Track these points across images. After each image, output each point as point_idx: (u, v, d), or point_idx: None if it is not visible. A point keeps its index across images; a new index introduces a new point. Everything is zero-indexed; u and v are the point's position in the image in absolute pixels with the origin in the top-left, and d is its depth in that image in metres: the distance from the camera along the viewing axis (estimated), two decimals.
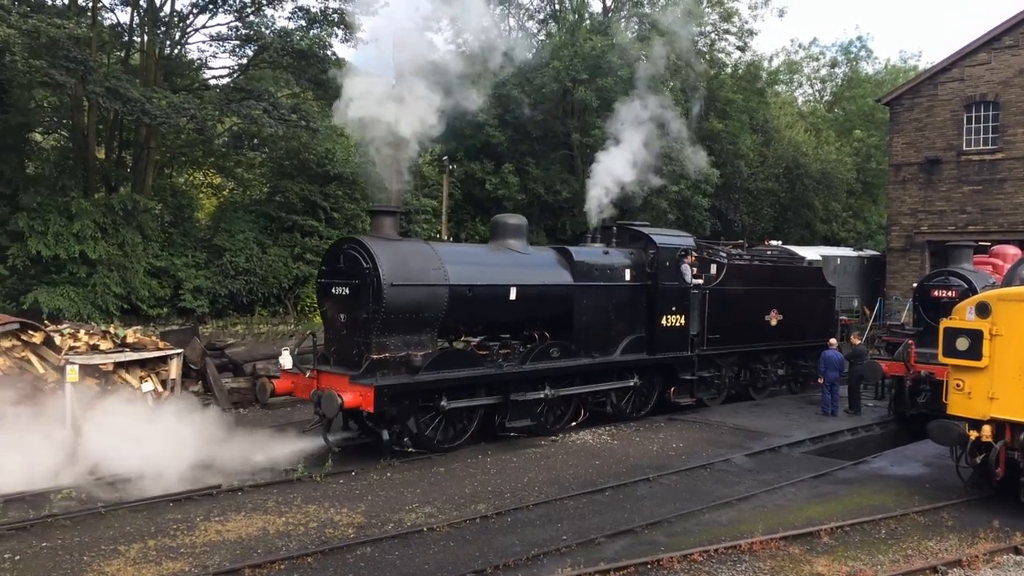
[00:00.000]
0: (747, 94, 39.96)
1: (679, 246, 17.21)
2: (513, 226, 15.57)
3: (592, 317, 15.64)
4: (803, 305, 20.10)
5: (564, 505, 10.89)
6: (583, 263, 15.57)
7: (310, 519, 9.93)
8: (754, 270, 19.40)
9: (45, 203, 20.92)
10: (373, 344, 12.68)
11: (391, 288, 12.65)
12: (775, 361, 19.93)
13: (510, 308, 14.48)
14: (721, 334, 17.87)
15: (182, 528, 9.43)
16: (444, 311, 13.48)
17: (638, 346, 16.41)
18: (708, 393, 18.08)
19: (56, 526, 9.32)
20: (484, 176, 32.50)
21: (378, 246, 12.97)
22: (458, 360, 13.62)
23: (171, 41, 26.33)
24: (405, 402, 12.70)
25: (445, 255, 13.74)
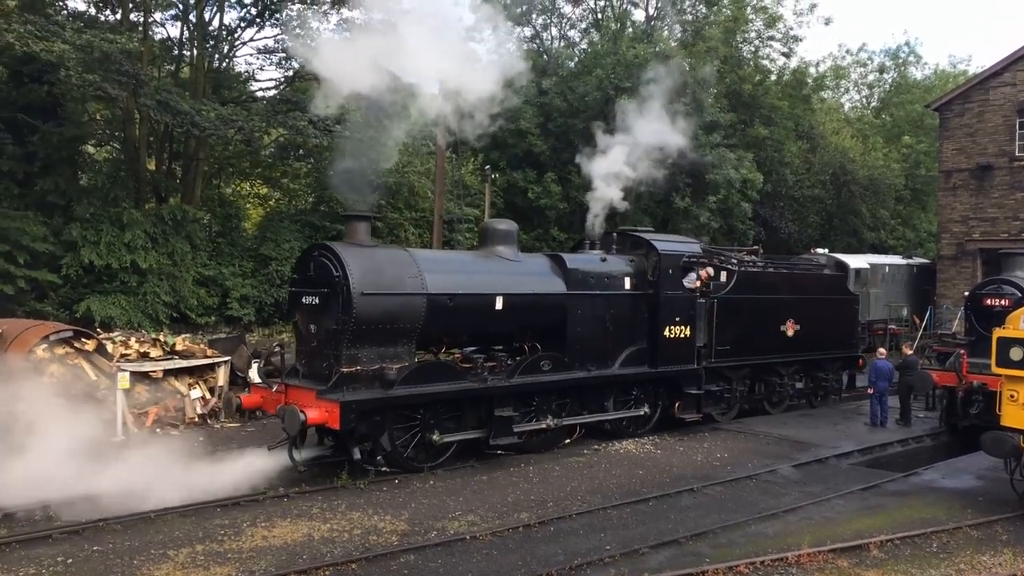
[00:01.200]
0: (792, 101, 39.51)
1: (683, 253, 16.34)
2: (502, 232, 14.68)
3: (588, 328, 14.76)
4: (823, 314, 19.10)
5: (607, 515, 10.83)
6: (577, 271, 14.71)
7: (354, 526, 10.00)
8: (767, 277, 18.45)
9: (98, 214, 21.42)
10: (343, 356, 11.92)
11: (362, 297, 11.89)
12: (792, 374, 18.91)
13: (496, 318, 13.65)
14: (731, 345, 16.91)
15: (229, 533, 9.56)
16: (422, 321, 12.68)
17: (639, 359, 15.51)
18: (717, 408, 17.08)
19: (107, 530, 9.51)
20: (526, 185, 32.55)
21: (349, 253, 12.24)
22: (437, 373, 12.83)
23: (219, 55, 26.86)
24: (376, 418, 11.94)
25: (424, 262, 12.98)
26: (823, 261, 30.76)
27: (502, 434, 13.25)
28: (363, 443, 11.97)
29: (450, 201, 28.33)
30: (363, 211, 13.34)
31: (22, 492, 10.11)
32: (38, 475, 10.51)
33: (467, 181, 31.58)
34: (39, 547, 8.89)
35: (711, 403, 16.76)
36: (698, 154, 32.16)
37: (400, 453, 12.34)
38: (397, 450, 12.28)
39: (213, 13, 25.72)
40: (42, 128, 21.40)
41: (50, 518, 9.87)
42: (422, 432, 12.52)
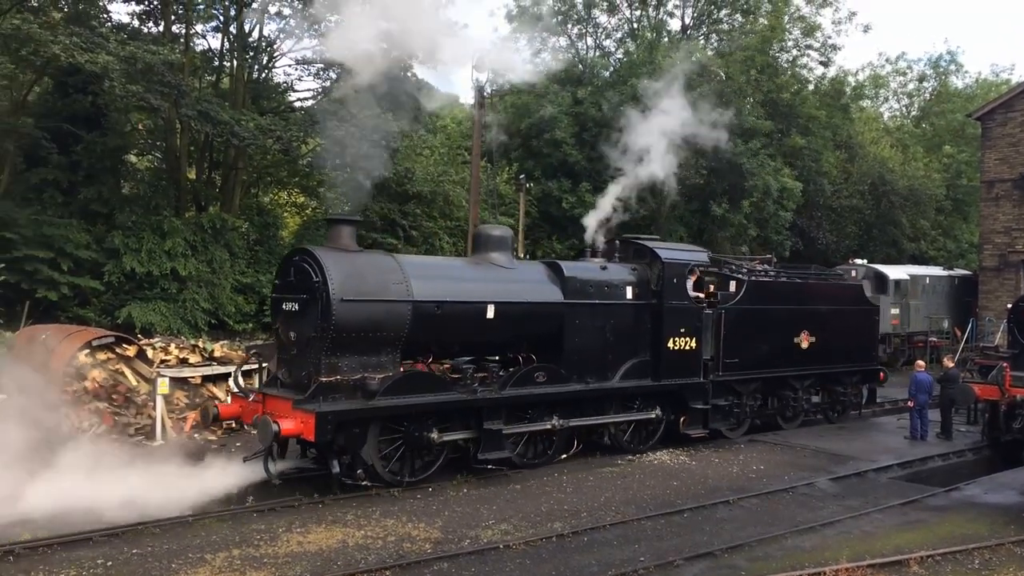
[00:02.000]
0: (830, 110, 39.10)
1: (688, 262, 15.69)
2: (496, 238, 14.10)
3: (586, 338, 14.17)
4: (840, 326, 18.31)
5: (641, 526, 10.76)
6: (575, 279, 14.13)
7: (388, 533, 10.04)
8: (780, 287, 17.68)
9: (139, 222, 21.80)
10: (322, 365, 11.44)
11: (341, 304, 11.41)
12: (807, 388, 18.08)
13: (488, 328, 13.11)
14: (740, 358, 16.19)
15: (265, 538, 9.65)
16: (407, 330, 12.13)
17: (641, 371, 14.86)
18: (726, 423, 16.26)
19: (147, 533, 9.64)
20: (561, 195, 32.55)
21: (330, 258, 11.78)
22: (422, 384, 12.23)
23: (259, 66, 27.26)
24: (355, 430, 11.41)
25: (411, 268, 12.46)
26: (861, 272, 30.57)
27: (491, 448, 12.72)
28: (342, 456, 11.51)
29: (484, 210, 28.38)
30: (348, 215, 12.97)
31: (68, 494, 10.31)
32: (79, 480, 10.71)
33: (502, 190, 31.68)
34: (80, 549, 9.03)
35: (719, 418, 16.03)
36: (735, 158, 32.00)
37: (382, 467, 11.84)
38: (379, 463, 11.79)
39: (253, 25, 26.11)
40: (86, 138, 21.87)
41: (91, 521, 10.01)
42: (406, 445, 12.03)
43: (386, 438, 11.95)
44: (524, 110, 34.76)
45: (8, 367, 13.68)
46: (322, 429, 10.88)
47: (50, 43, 18.18)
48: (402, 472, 12.12)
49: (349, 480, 11.48)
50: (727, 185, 33.71)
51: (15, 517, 9.82)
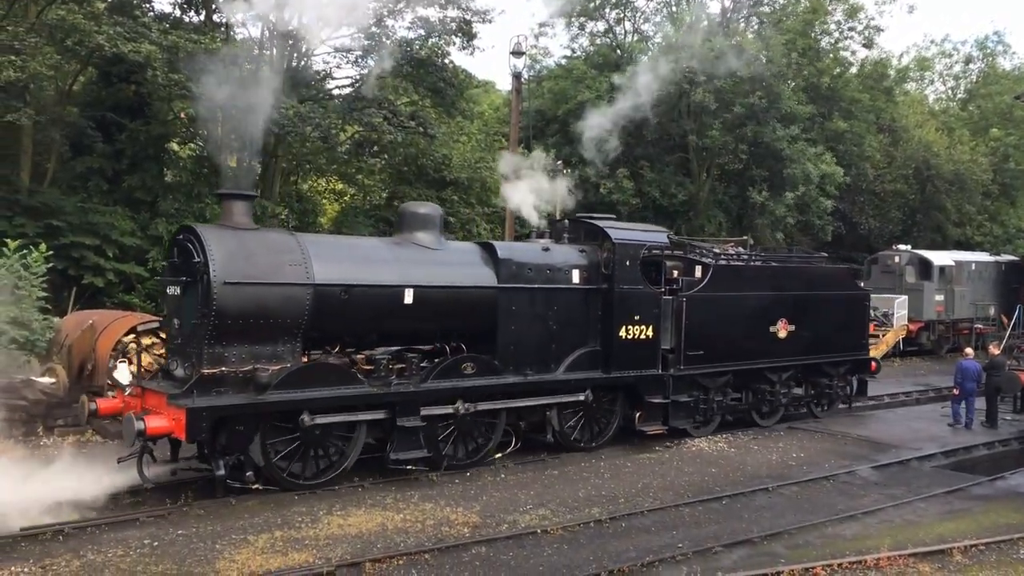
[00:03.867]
0: (873, 93, 38.45)
1: (643, 242, 14.25)
2: (422, 216, 12.85)
3: (525, 327, 12.96)
4: (824, 313, 16.91)
5: (680, 512, 10.74)
6: (511, 261, 12.91)
7: (427, 517, 10.13)
8: (752, 272, 16.19)
9: (182, 209, 22.15)
10: (204, 356, 10.29)
11: (224, 287, 10.25)
12: (786, 380, 16.56)
13: (406, 315, 11.94)
14: (706, 349, 14.76)
15: (306, 521, 9.79)
16: (306, 317, 10.98)
17: (590, 362, 13.65)
18: (689, 420, 14.89)
19: (191, 515, 9.84)
20: (598, 180, 32.39)
21: (214, 235, 10.62)
22: (324, 377, 11.05)
23: (298, 54, 27.40)
24: (239, 428, 10.32)
25: (313, 248, 11.27)
26: (905, 258, 30.06)
27: (406, 447, 11.60)
28: (228, 456, 10.37)
29: None
30: (242, 190, 11.55)
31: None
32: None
33: None
34: (128, 530, 9.24)
35: (682, 414, 14.65)
36: (774, 143, 31.61)
37: (276, 468, 10.74)
38: (272, 465, 10.68)
39: (292, 13, 26.23)
40: (130, 126, 22.23)
41: (138, 503, 10.24)
42: (304, 445, 10.97)
43: (282, 438, 10.83)
44: (561, 95, 34.62)
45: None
46: (194, 427, 9.80)
47: (94, 33, 18.46)
48: (303, 473, 11.07)
49: (237, 483, 10.41)
50: (766, 171, 33.31)
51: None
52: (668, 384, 14.43)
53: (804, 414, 17.48)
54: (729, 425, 15.84)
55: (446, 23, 27.03)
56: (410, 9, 26.84)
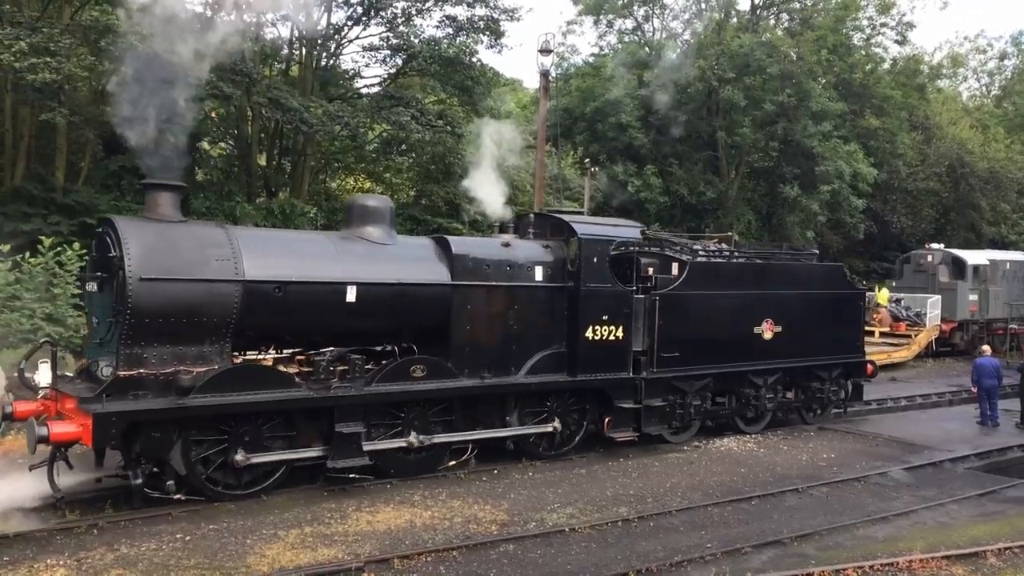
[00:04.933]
0: (906, 90, 37.99)
1: (612, 238, 13.38)
2: (372, 209, 12.06)
3: (481, 327, 12.21)
4: (814, 313, 15.96)
5: (708, 512, 10.68)
6: (466, 257, 12.12)
7: (455, 514, 10.16)
8: (732, 270, 15.21)
9: (213, 207, 22.36)
10: (121, 357, 9.62)
11: (141, 283, 9.54)
12: (772, 385, 15.56)
13: (349, 314, 11.13)
14: (682, 351, 13.86)
15: (335, 517, 9.86)
16: (235, 315, 10.20)
17: (554, 365, 12.85)
18: (664, 426, 13.97)
19: (223, 510, 9.93)
20: (626, 178, 32.32)
21: (132, 228, 9.91)
22: (254, 380, 10.27)
23: (327, 53, 27.61)
24: (155, 434, 9.60)
25: (245, 242, 10.51)
26: (939, 257, 29.66)
27: (346, 454, 10.82)
28: (144, 465, 9.68)
29: (549, 195, 28.37)
30: (169, 180, 10.49)
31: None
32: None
33: (567, 175, 31.57)
34: (160, 524, 9.35)
35: (655, 420, 13.75)
36: (805, 141, 31.34)
37: (198, 476, 10.01)
38: (194, 473, 9.96)
39: (321, 13, 26.45)
40: None
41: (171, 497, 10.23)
42: (232, 451, 10.19)
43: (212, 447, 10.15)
44: (589, 93, 34.56)
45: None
46: (102, 433, 9.14)
47: (127, 33, 18.67)
48: (229, 483, 10.30)
49: (156, 493, 9.71)
50: (797, 169, 33.04)
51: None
52: (640, 388, 13.58)
53: (794, 420, 16.59)
54: (709, 431, 15.16)
55: (474, 21, 27.09)
56: (438, 8, 26.96)
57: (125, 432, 9.40)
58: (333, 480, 11.13)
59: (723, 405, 15.20)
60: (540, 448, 12.99)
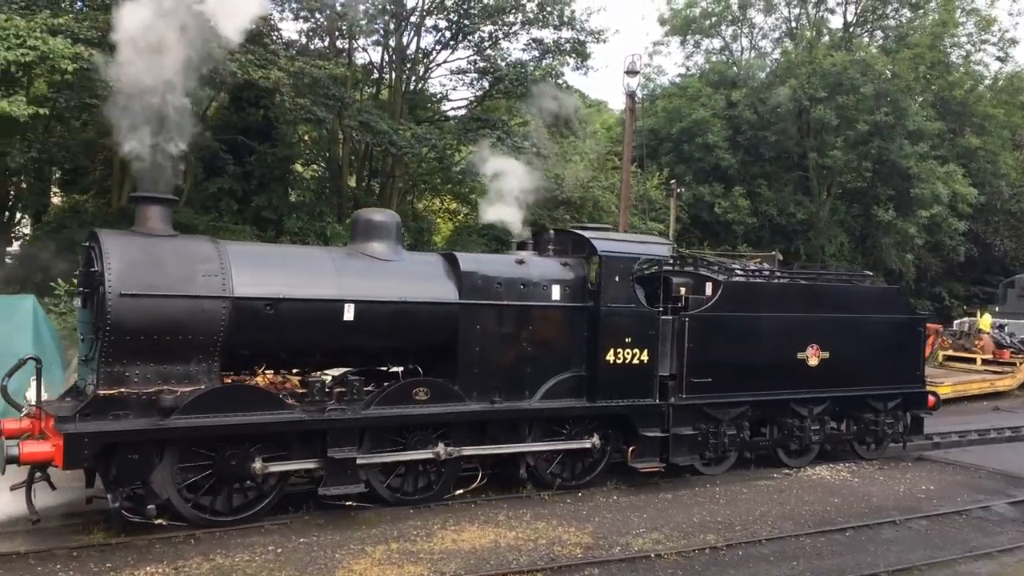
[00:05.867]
0: (1009, 108, 36.52)
1: (636, 255, 12.63)
2: (377, 224, 11.44)
3: (492, 348, 11.53)
4: (866, 339, 14.82)
5: (799, 542, 10.37)
6: (475, 275, 11.47)
7: (539, 535, 10.12)
8: (772, 291, 14.37)
9: (305, 227, 23.01)
10: (102, 375, 9.23)
11: (120, 299, 9.14)
12: (819, 415, 14.53)
13: (347, 333, 10.61)
14: (714, 376, 13.05)
15: (421, 534, 9.94)
16: (222, 333, 9.74)
17: (572, 389, 12.11)
18: (695, 456, 13.12)
19: (312, 524, 10.14)
20: (713, 199, 31.93)
21: (115, 242, 9.53)
22: (241, 401, 9.76)
23: (416, 77, 28.19)
24: (133, 456, 9.20)
25: (236, 258, 10.04)
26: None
27: (339, 481, 10.29)
28: (122, 487, 9.27)
29: (635, 216, 28.24)
30: (160, 193, 10.02)
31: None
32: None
33: (652, 195, 31.38)
34: (253, 536, 9.59)
35: (684, 449, 12.90)
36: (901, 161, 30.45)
37: (181, 502, 9.56)
38: (178, 498, 9.53)
39: (411, 38, 27.06)
40: (258, 149, 23.30)
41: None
42: (218, 477, 9.76)
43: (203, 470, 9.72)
44: (676, 114, 34.35)
45: None
46: (73, 454, 8.75)
47: (228, 61, 19.45)
48: (219, 509, 9.88)
49: (137, 517, 9.31)
50: (892, 190, 32.08)
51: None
52: (667, 415, 12.78)
53: (846, 454, 15.46)
54: (747, 463, 14.18)
55: (560, 44, 27.27)
56: (525, 31, 27.26)
57: (101, 453, 9.06)
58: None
59: (763, 436, 14.22)
60: (558, 478, 12.28)
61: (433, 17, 26.60)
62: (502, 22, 26.55)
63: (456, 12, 26.09)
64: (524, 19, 26.58)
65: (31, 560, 8.51)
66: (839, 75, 30.83)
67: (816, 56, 32.10)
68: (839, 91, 31.29)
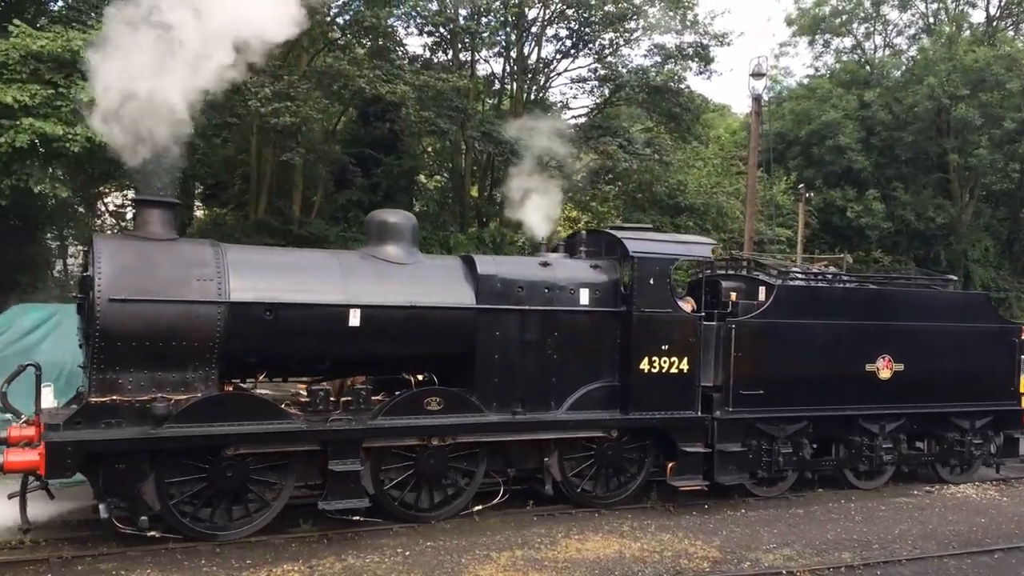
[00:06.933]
0: None
1: (673, 256, 11.76)
2: (391, 226, 10.79)
3: (513, 356, 10.82)
4: (947, 350, 13.49)
5: (943, 564, 9.81)
6: (494, 278, 10.75)
7: (664, 548, 9.96)
8: (836, 296, 13.09)
9: (428, 237, 23.51)
10: (93, 382, 8.95)
11: (110, 305, 8.82)
12: (892, 433, 13.24)
13: (353, 340, 10.04)
14: (766, 389, 12.00)
15: (545, 542, 9.94)
16: (218, 340, 9.33)
17: (602, 400, 11.28)
18: (743, 475, 12.03)
19: (438, 528, 10.30)
20: (845, 203, 30.77)
21: (108, 246, 9.23)
22: (239, 409, 9.35)
23: (537, 86, 28.42)
24: (120, 466, 8.84)
25: (235, 262, 9.64)
26: None
27: (341, 495, 9.75)
28: (111, 498, 8.96)
29: (760, 222, 27.51)
30: (161, 195, 9.65)
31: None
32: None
33: (779, 200, 30.54)
34: (382, 538, 9.83)
35: (733, 467, 11.86)
36: None
37: (173, 514, 9.18)
38: (170, 509, 9.15)
39: (532, 48, 27.32)
40: (384, 161, 24.02)
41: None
42: (212, 487, 9.37)
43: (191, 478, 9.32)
44: (804, 116, 33.33)
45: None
46: (56, 463, 8.50)
47: (356, 77, 20.16)
48: (216, 522, 9.51)
49: (129, 529, 9.00)
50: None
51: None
52: (711, 429, 11.84)
53: (927, 476, 14.10)
54: (808, 483, 13.01)
55: (683, 49, 26.94)
56: (646, 37, 27.07)
57: (88, 463, 8.80)
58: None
59: (827, 454, 13.20)
60: (589, 495, 11.50)
61: (554, 27, 26.79)
62: (623, 29, 26.46)
63: (577, 21, 26.18)
64: (646, 25, 26.41)
65: (178, 555, 8.99)
66: (982, 71, 29.17)
67: (956, 52, 30.48)
68: (982, 88, 29.60)
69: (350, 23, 23.20)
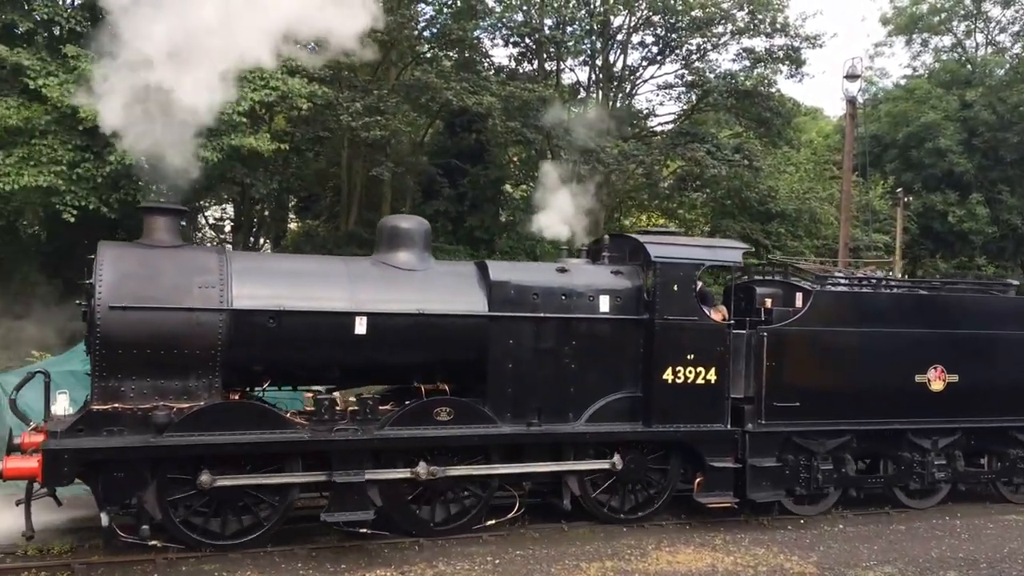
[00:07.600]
0: None
1: (698, 261, 11.15)
2: (402, 232, 10.54)
3: (527, 365, 10.41)
4: (1009, 360, 12.57)
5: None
6: (507, 284, 10.38)
7: (759, 562, 9.73)
8: (880, 303, 12.23)
9: (514, 247, 23.67)
10: (95, 390, 8.94)
11: (110, 312, 8.83)
12: (945, 448, 12.34)
13: (360, 347, 9.82)
14: (803, 400, 11.33)
15: (635, 554, 9.84)
16: (220, 347, 9.23)
17: (623, 412, 10.80)
18: (779, 492, 11.35)
19: (528, 537, 10.31)
20: (946, 208, 29.62)
21: (111, 253, 9.21)
22: (240, 418, 9.21)
23: (622, 94, 28.28)
24: (118, 474, 8.82)
25: (239, 269, 9.55)
26: None
27: (345, 507, 9.48)
28: (111, 506, 8.89)
29: (856, 227, 26.71)
30: (169, 203, 9.81)
31: None
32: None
33: (876, 206, 29.60)
34: (472, 546, 9.89)
35: (768, 483, 11.23)
36: None
37: (175, 523, 9.09)
38: (171, 518, 9.06)
39: (617, 55, 27.21)
40: (471, 171, 24.26)
41: None
42: (214, 498, 9.26)
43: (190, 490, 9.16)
44: (901, 118, 32.25)
45: None
46: (54, 470, 8.49)
47: (444, 90, 20.45)
48: (220, 532, 9.35)
49: (131, 538, 8.93)
50: None
51: None
52: (742, 443, 11.21)
53: (987, 495, 13.23)
54: (855, 503, 12.20)
55: (773, 52, 26.42)
56: (735, 41, 26.66)
57: (89, 470, 8.84)
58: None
59: (875, 471, 12.52)
60: (608, 510, 10.98)
61: (640, 34, 26.65)
62: (710, 34, 26.12)
63: (663, 27, 25.97)
64: (734, 29, 26.01)
65: (276, 557, 9.23)
66: None
67: None
68: None
69: (437, 36, 23.57)
